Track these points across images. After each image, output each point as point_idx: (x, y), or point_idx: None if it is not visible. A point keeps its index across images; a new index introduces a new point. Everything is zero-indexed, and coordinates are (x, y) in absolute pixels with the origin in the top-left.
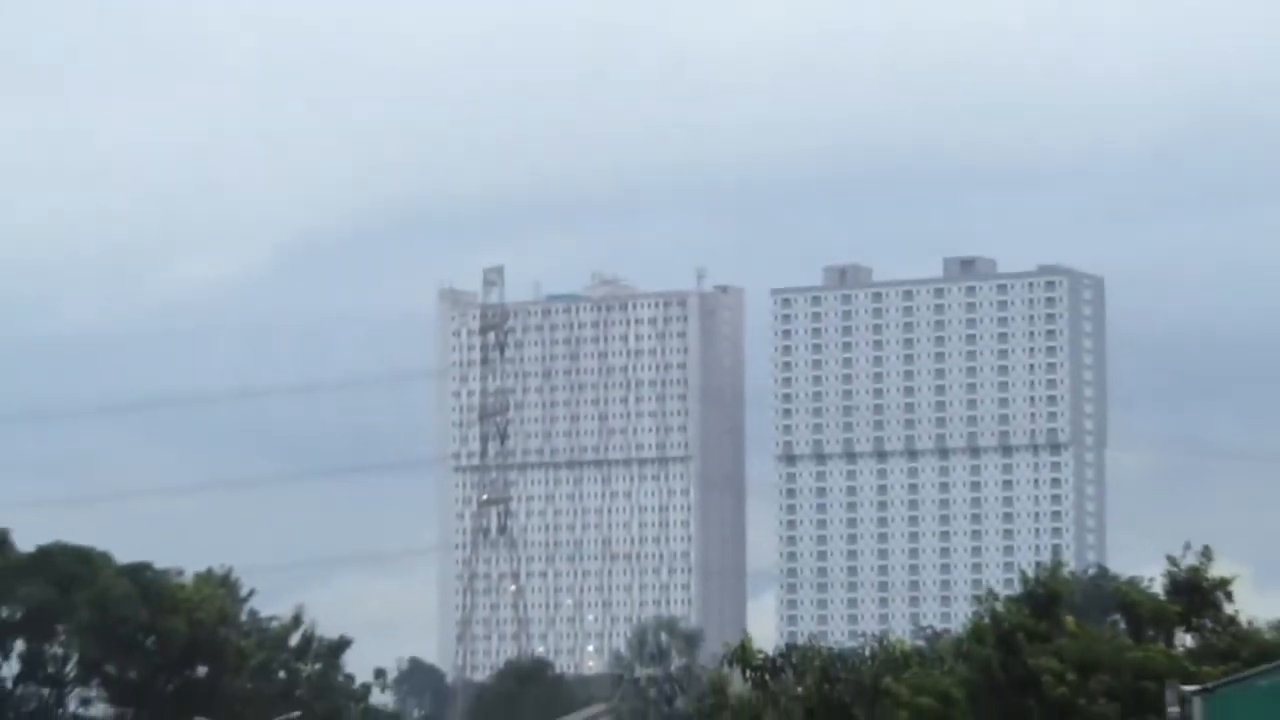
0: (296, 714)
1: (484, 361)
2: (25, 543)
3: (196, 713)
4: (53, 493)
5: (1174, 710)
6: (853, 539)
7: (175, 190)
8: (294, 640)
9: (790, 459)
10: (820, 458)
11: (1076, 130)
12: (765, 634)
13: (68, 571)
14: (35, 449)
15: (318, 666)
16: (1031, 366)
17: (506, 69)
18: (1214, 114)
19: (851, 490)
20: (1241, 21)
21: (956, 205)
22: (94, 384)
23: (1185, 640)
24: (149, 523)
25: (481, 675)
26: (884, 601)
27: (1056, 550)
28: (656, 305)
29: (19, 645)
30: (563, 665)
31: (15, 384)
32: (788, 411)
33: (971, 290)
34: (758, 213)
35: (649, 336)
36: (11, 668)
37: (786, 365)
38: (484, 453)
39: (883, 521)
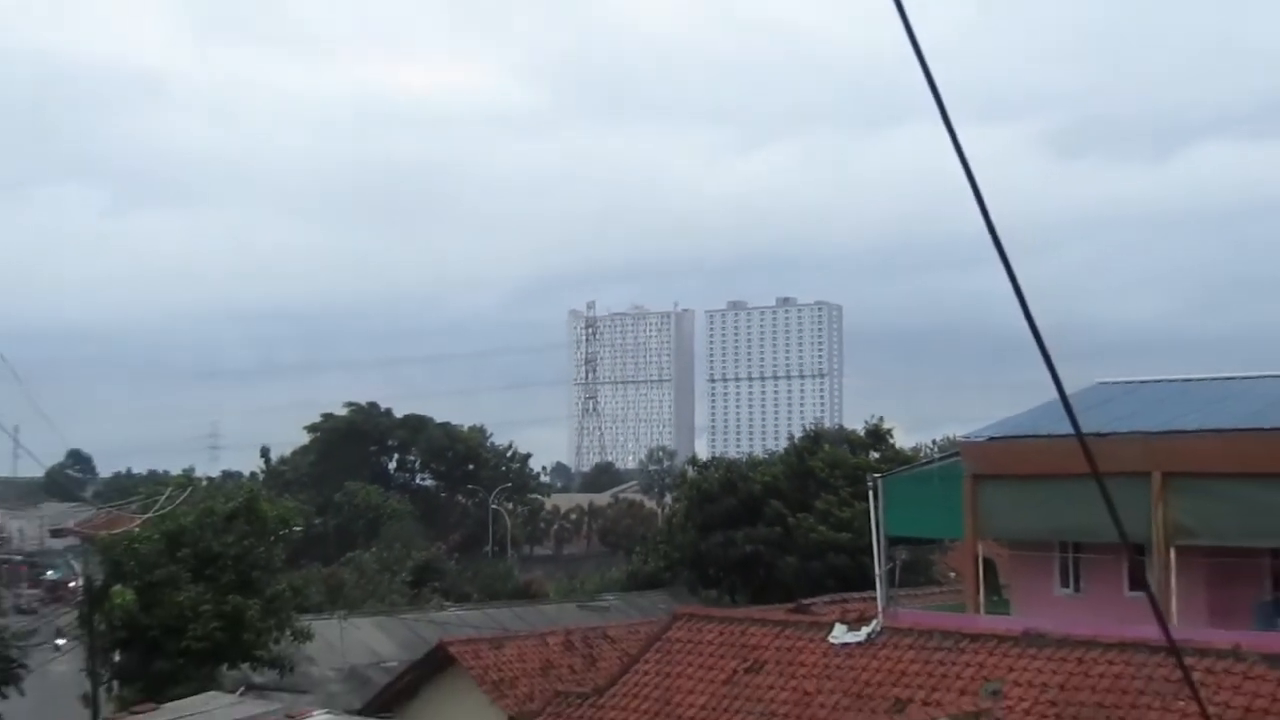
0: (509, 485)
1: (586, 342)
2: (399, 412)
3: (468, 483)
4: (404, 392)
5: (870, 486)
6: (739, 414)
7: (455, 272)
8: (509, 454)
9: (712, 381)
10: (725, 381)
11: (840, 230)
12: (702, 453)
13: (415, 425)
14: (408, 375)
15: (517, 465)
16: (813, 343)
17: (592, 194)
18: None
19: (738, 394)
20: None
21: (778, 271)
22: (443, 349)
23: (874, 456)
24: (451, 406)
25: (585, 468)
26: (751, 441)
27: (819, 421)
28: (658, 318)
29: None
30: (619, 465)
31: (411, 348)
32: (710, 362)
33: (788, 313)
34: (700, 274)
35: (655, 332)
36: (391, 466)
37: (710, 343)
38: (587, 377)
39: (750, 406)
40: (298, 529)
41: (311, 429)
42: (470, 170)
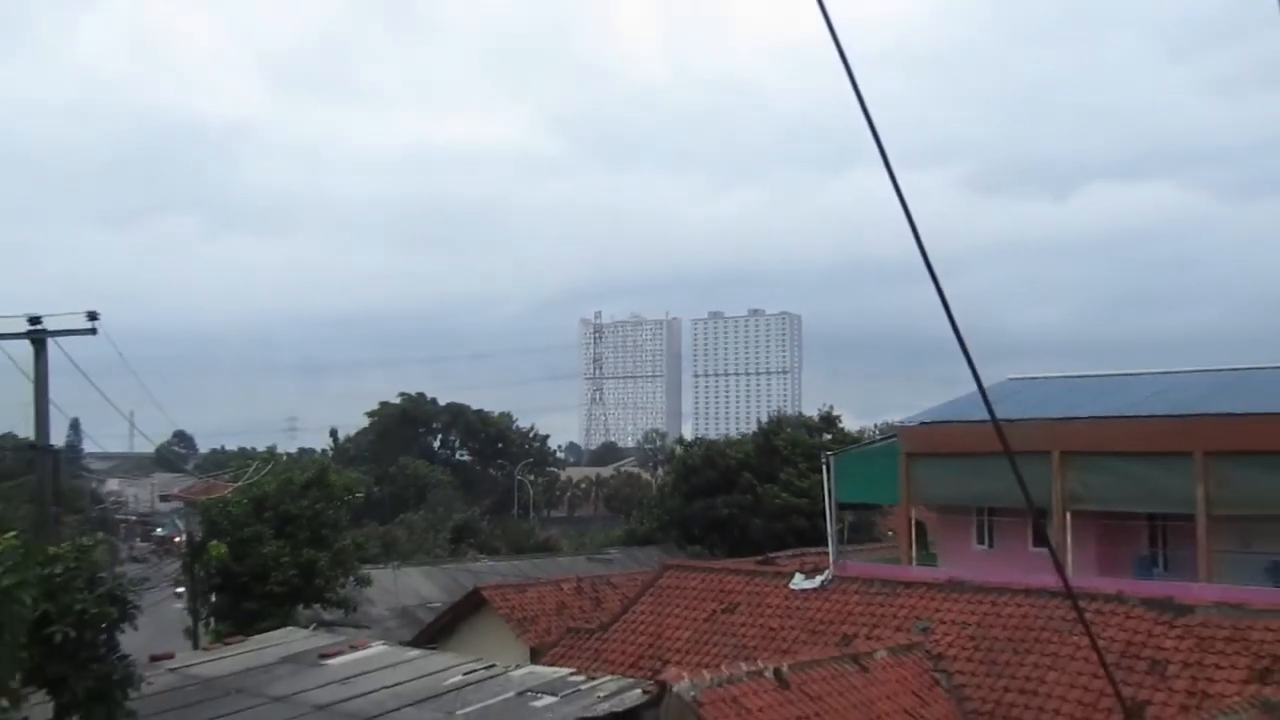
0: (531, 460)
1: (594, 344)
2: (442, 401)
3: (499, 459)
4: (447, 384)
5: (824, 462)
6: (718, 403)
7: (490, 287)
8: (531, 435)
9: (695, 376)
10: (707, 376)
11: (800, 253)
12: (688, 435)
13: (455, 411)
14: (450, 370)
15: (537, 444)
16: (778, 346)
17: (600, 225)
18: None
19: (718, 387)
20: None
21: (749, 287)
22: (479, 349)
23: (827, 437)
24: (485, 396)
25: (593, 447)
26: (728, 425)
27: (783, 409)
28: (652, 325)
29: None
30: (620, 444)
31: (453, 349)
32: (695, 359)
33: (758, 321)
34: (686, 289)
35: (649, 337)
36: (435, 444)
37: (694, 346)
38: (594, 373)
39: (726, 395)
40: (360, 495)
41: (371, 414)
42: (504, 205)
